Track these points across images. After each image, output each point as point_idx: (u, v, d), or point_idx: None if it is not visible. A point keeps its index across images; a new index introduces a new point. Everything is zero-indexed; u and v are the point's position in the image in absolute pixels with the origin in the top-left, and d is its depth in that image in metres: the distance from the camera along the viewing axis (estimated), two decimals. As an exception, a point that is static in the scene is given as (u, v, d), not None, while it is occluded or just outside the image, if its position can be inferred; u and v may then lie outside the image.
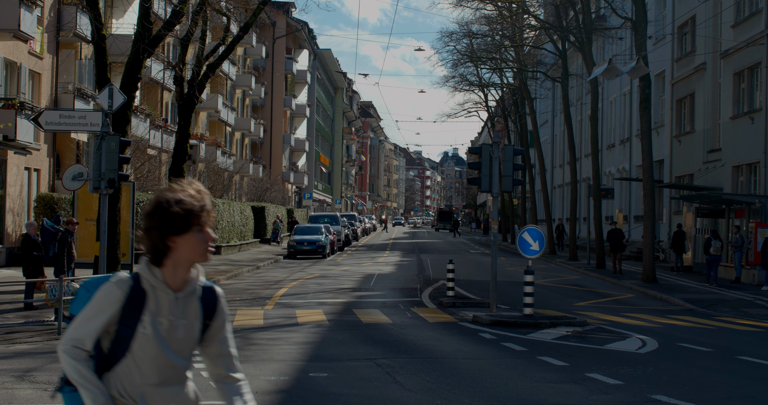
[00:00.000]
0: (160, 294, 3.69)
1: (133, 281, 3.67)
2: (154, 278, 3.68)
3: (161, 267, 3.68)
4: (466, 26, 50.96)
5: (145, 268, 3.70)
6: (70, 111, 20.50)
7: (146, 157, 38.00)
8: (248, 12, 32.88)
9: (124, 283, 3.66)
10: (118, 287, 3.64)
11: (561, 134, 61.58)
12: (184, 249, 3.66)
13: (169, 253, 3.66)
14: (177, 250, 3.65)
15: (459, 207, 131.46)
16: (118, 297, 3.63)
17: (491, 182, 19.12)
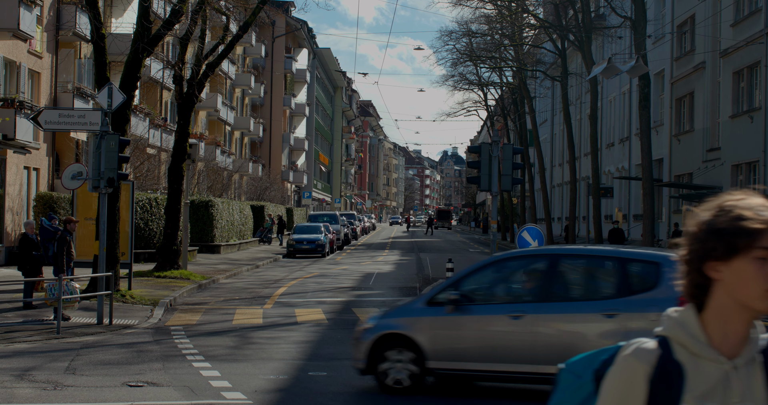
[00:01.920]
0: (705, 366, 2.31)
1: (661, 349, 2.35)
2: (693, 340, 2.32)
3: (701, 318, 2.36)
4: (465, 25, 50.91)
5: (675, 324, 2.39)
6: (69, 110, 20.51)
7: (145, 156, 38.00)
8: (247, 11, 32.87)
9: (646, 354, 2.36)
10: (640, 361, 2.35)
11: (560, 133, 61.58)
12: (737, 284, 2.29)
13: (710, 291, 2.34)
14: (725, 286, 2.31)
15: (449, 209, 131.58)
16: (640, 380, 2.33)
17: (490, 181, 19.14)
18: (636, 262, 10.49)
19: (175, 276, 25.85)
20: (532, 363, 10.17)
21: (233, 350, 14.12)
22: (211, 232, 39.12)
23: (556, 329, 10.25)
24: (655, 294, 9.95)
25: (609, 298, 10.25)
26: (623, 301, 10.08)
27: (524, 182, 57.61)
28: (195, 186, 42.42)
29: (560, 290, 10.68)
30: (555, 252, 11.44)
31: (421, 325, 10.64)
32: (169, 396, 10.48)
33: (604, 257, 11.06)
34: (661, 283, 10.00)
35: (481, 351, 10.43)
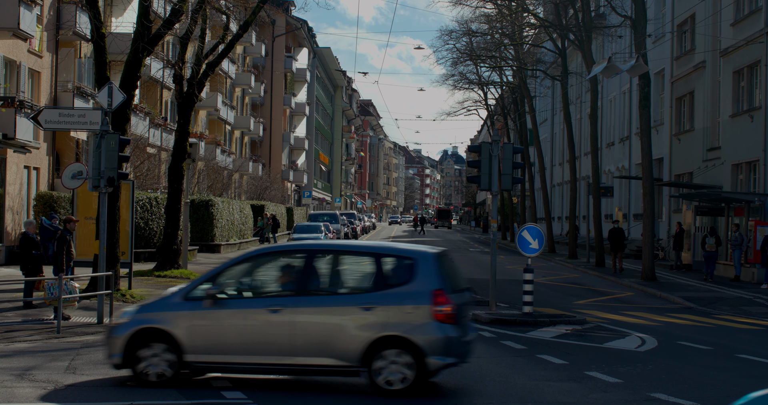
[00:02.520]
0: None
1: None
2: None
3: None
4: (465, 24, 50.89)
5: None
6: (69, 109, 20.48)
7: (146, 155, 37.98)
8: (248, 10, 32.84)
9: None
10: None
11: (560, 132, 61.57)
12: None
13: None
14: None
15: (438, 209, 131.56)
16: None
17: (491, 180, 19.12)
18: (391, 257, 11.01)
19: (175, 275, 25.84)
20: (291, 355, 10.53)
21: (233, 350, 14.10)
22: (211, 232, 39.12)
23: (314, 323, 10.56)
24: (410, 288, 10.61)
25: (366, 292, 10.76)
26: (380, 295, 10.62)
27: (524, 181, 57.61)
28: (195, 185, 42.41)
29: (318, 284, 11.03)
30: (312, 247, 11.81)
31: (178, 320, 10.79)
32: (169, 395, 10.48)
33: (361, 253, 11.51)
34: (416, 277, 10.66)
35: (241, 345, 10.65)
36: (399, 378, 10.35)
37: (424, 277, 10.65)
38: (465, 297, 11.20)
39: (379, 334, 10.41)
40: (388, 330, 10.43)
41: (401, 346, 10.37)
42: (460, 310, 10.71)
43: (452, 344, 10.51)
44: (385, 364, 10.38)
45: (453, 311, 10.52)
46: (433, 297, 10.48)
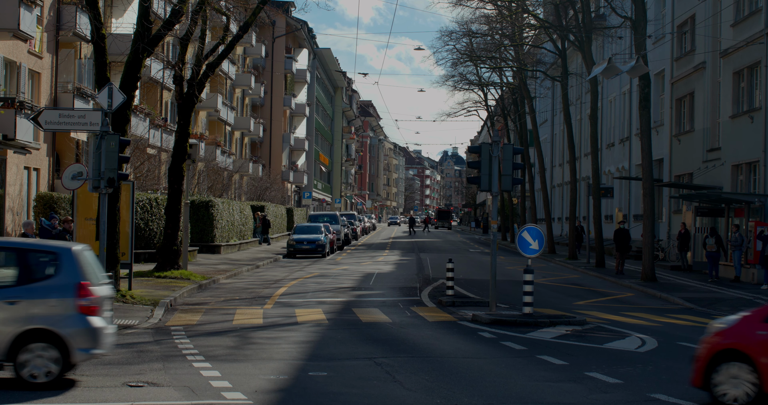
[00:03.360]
0: None
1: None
2: None
3: None
4: (465, 25, 50.88)
5: None
6: (69, 110, 20.50)
7: (146, 156, 37.98)
8: (248, 11, 32.86)
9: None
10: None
11: (560, 133, 61.57)
12: None
13: None
14: None
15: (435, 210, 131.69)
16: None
17: (491, 181, 19.12)
18: (35, 252, 11.36)
19: (175, 276, 25.85)
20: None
21: (233, 350, 14.13)
22: (211, 233, 39.12)
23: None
24: (55, 281, 11.04)
25: (10, 287, 10.98)
26: (24, 289, 10.96)
27: (524, 182, 57.61)
28: (195, 186, 42.41)
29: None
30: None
31: None
32: (170, 396, 10.49)
33: (4, 248, 11.77)
34: (60, 271, 11.09)
35: None
36: (44, 371, 10.73)
37: (67, 271, 11.05)
38: (106, 290, 11.70)
39: (24, 328, 10.76)
40: (33, 323, 10.79)
41: (47, 340, 10.75)
42: (103, 303, 11.26)
43: (97, 335, 11.00)
44: (31, 357, 10.72)
45: (97, 303, 11.06)
46: (77, 290, 10.96)
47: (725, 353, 10.49)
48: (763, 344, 10.27)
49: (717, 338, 10.73)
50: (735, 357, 10.41)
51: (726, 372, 10.43)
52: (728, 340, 10.57)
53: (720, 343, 10.62)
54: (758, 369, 10.20)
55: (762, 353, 10.22)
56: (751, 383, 10.29)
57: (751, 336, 10.41)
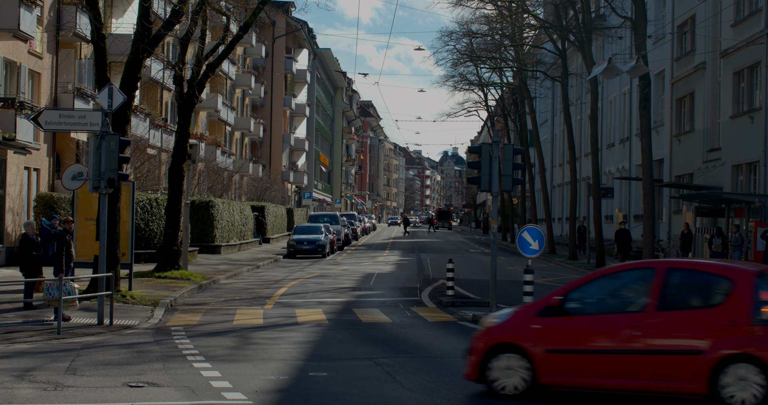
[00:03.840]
0: None
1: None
2: None
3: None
4: (465, 25, 50.90)
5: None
6: (69, 110, 20.50)
7: (146, 156, 37.98)
8: (248, 11, 32.87)
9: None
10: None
11: (561, 133, 61.56)
12: None
13: None
14: None
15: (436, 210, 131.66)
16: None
17: (491, 181, 19.12)
18: None
19: (175, 276, 25.85)
20: None
21: (234, 351, 14.13)
22: (211, 233, 39.12)
23: None
24: None
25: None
26: None
27: (525, 183, 57.61)
28: (195, 186, 42.41)
29: None
30: None
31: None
32: (170, 396, 10.49)
33: None
34: None
35: None
36: None
37: None
38: None
39: None
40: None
41: None
42: None
43: None
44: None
45: None
46: None
47: (500, 346, 10.82)
48: (537, 337, 10.67)
49: (491, 332, 11.07)
50: (510, 350, 10.75)
51: (501, 364, 10.74)
52: (503, 334, 10.92)
53: (495, 337, 10.95)
54: (533, 361, 10.60)
55: (536, 345, 10.62)
56: (526, 374, 10.65)
57: (525, 329, 10.79)
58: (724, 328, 10.03)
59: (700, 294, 10.78)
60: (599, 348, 10.49)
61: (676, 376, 10.08)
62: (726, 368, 9.85)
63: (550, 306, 10.82)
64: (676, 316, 10.40)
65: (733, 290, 10.26)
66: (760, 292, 10.18)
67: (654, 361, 10.15)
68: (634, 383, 10.24)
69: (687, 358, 10.06)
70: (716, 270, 10.81)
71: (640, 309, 10.51)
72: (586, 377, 10.45)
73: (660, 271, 10.70)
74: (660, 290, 10.50)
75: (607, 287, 11.16)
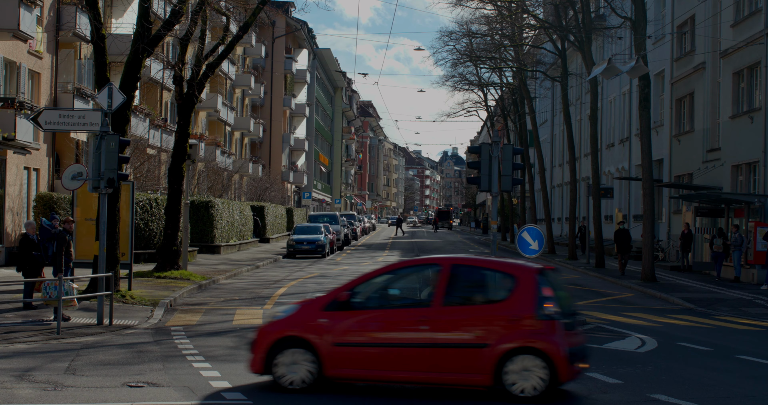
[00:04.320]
0: None
1: None
2: None
3: None
4: (465, 26, 50.91)
5: None
6: (69, 110, 20.49)
7: (146, 156, 37.98)
8: (247, 11, 32.86)
9: None
10: None
11: (560, 133, 61.57)
12: None
13: None
14: None
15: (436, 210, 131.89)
16: None
17: (491, 181, 19.13)
18: None
19: (175, 276, 25.85)
20: None
21: (233, 350, 14.12)
22: (211, 233, 39.12)
23: None
24: None
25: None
26: None
27: (524, 183, 57.61)
28: (195, 186, 42.40)
29: None
30: None
31: None
32: (169, 396, 10.49)
33: None
34: None
35: None
36: None
37: None
38: None
39: None
40: None
41: None
42: None
43: None
44: None
45: None
46: None
47: (286, 340, 10.88)
48: (323, 331, 10.79)
49: (277, 326, 11.13)
50: (296, 344, 10.83)
51: (287, 359, 10.81)
52: (289, 328, 10.98)
53: (280, 330, 11.01)
54: (319, 354, 10.72)
55: (323, 339, 10.75)
56: (313, 368, 10.77)
57: (312, 323, 10.89)
58: (509, 322, 10.54)
59: (486, 290, 11.27)
60: (386, 341, 10.75)
61: (463, 369, 10.48)
62: (510, 360, 10.36)
63: (338, 300, 10.98)
64: (462, 310, 10.83)
65: (516, 286, 10.76)
66: (543, 289, 10.74)
67: (441, 354, 10.51)
68: (421, 376, 10.58)
69: (473, 351, 10.48)
70: (500, 267, 11.28)
71: (427, 304, 10.85)
72: (373, 370, 10.69)
73: (445, 267, 11.08)
74: (446, 286, 10.89)
75: (394, 282, 11.50)
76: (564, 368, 10.40)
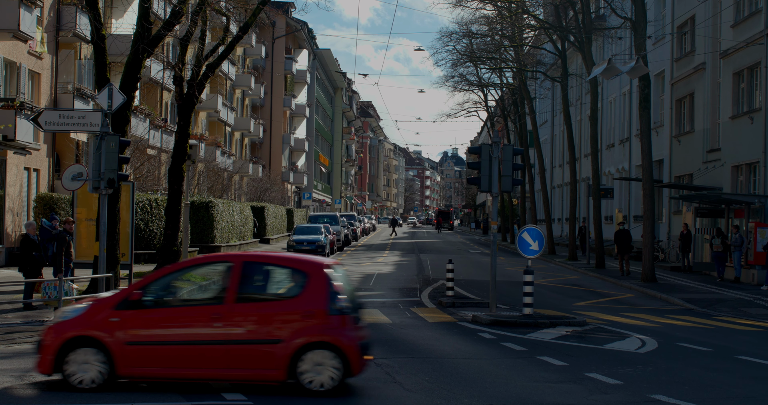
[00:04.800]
0: None
1: None
2: None
3: None
4: (465, 26, 50.92)
5: None
6: (69, 111, 20.50)
7: (146, 157, 37.98)
8: (248, 12, 32.86)
9: None
10: None
11: (560, 134, 61.57)
12: None
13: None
14: None
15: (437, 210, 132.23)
16: None
17: (491, 182, 19.12)
18: None
19: (175, 277, 25.79)
20: None
21: (233, 351, 14.10)
22: (211, 233, 39.11)
23: None
24: None
25: None
26: None
27: (524, 183, 57.60)
28: (195, 187, 42.40)
29: None
30: None
31: None
32: (169, 397, 10.48)
33: None
34: None
35: None
36: None
37: None
38: None
39: None
40: None
41: None
42: None
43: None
44: None
45: None
46: None
47: (76, 340, 10.78)
48: (115, 330, 10.75)
49: (67, 325, 10.99)
50: (86, 343, 10.74)
51: (78, 358, 10.72)
52: (79, 328, 10.87)
53: (70, 330, 10.89)
54: (111, 353, 10.67)
55: (114, 338, 10.70)
56: (104, 368, 10.69)
57: (102, 323, 10.83)
58: (302, 318, 10.71)
59: (278, 286, 11.38)
60: (180, 339, 10.77)
61: (257, 364, 10.64)
62: (304, 355, 10.57)
63: (130, 299, 10.96)
64: (255, 307, 10.93)
65: (308, 282, 10.91)
66: (334, 284, 10.86)
67: (235, 350, 10.62)
68: (216, 372, 10.68)
69: (267, 347, 10.63)
70: (292, 264, 11.41)
71: (220, 301, 10.90)
72: (168, 368, 10.71)
73: (237, 264, 11.11)
74: (238, 283, 10.96)
75: (187, 280, 11.59)
76: (356, 361, 10.69)
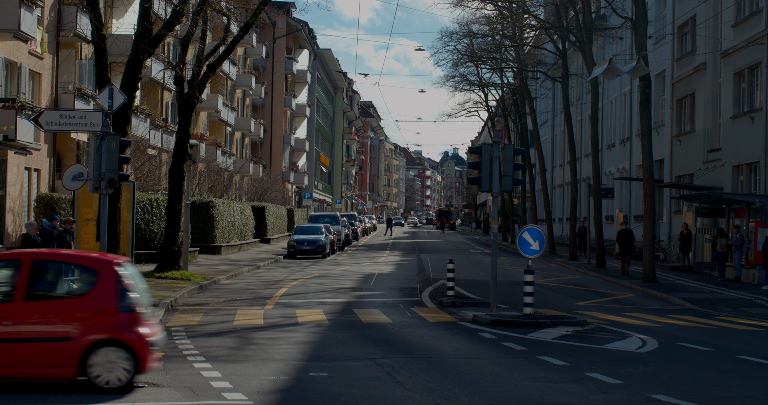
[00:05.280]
0: None
1: None
2: None
3: None
4: (466, 26, 50.92)
5: None
6: (70, 111, 20.52)
7: (146, 157, 37.99)
8: (248, 12, 32.88)
9: None
10: None
11: (561, 134, 61.58)
12: None
13: None
14: None
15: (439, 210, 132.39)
16: None
17: (491, 182, 19.12)
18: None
19: (176, 277, 25.85)
20: None
21: (234, 351, 14.13)
22: (211, 233, 39.13)
23: None
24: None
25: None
26: None
27: (525, 183, 57.59)
28: (196, 187, 42.42)
29: None
30: None
31: None
32: (170, 397, 10.49)
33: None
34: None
35: None
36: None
37: None
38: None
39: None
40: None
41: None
42: None
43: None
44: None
45: None
46: None
47: None
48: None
49: None
50: None
51: None
52: None
53: None
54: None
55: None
56: None
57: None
58: (92, 315, 10.75)
59: (69, 284, 11.40)
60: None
61: (48, 362, 10.63)
62: (95, 353, 10.59)
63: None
64: (45, 305, 10.96)
65: (98, 279, 10.94)
66: (124, 281, 10.91)
67: (25, 348, 10.61)
68: (6, 370, 10.64)
69: (57, 345, 10.64)
70: (81, 261, 11.43)
71: (8, 299, 10.89)
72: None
73: (26, 262, 11.11)
74: (27, 281, 10.94)
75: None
76: (147, 359, 10.74)
